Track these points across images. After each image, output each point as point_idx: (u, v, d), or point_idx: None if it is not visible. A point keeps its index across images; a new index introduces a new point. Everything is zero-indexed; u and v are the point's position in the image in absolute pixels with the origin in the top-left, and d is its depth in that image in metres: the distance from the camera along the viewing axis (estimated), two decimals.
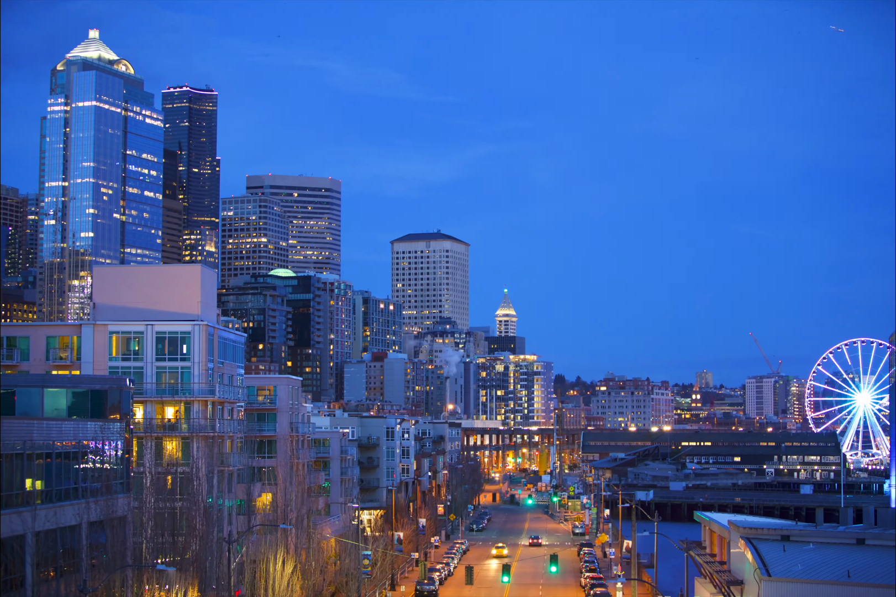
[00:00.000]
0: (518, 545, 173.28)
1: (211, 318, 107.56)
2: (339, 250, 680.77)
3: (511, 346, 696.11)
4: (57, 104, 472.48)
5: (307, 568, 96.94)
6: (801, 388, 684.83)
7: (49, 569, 64.02)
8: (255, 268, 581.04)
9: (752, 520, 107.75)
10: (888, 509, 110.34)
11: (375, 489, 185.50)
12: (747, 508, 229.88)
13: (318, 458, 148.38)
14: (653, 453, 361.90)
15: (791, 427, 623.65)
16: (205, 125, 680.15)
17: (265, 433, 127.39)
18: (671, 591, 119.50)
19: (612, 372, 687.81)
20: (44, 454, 64.93)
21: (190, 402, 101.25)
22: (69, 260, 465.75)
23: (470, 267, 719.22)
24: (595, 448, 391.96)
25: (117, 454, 73.91)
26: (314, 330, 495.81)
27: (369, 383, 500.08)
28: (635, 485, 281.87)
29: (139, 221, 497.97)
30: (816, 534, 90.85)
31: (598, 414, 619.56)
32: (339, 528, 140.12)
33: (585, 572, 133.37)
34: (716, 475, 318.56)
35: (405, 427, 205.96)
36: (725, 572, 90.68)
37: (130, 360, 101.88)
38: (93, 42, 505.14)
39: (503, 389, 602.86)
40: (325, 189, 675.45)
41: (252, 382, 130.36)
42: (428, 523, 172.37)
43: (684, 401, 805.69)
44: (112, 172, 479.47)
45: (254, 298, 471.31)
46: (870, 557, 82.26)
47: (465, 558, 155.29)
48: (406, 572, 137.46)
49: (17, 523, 60.37)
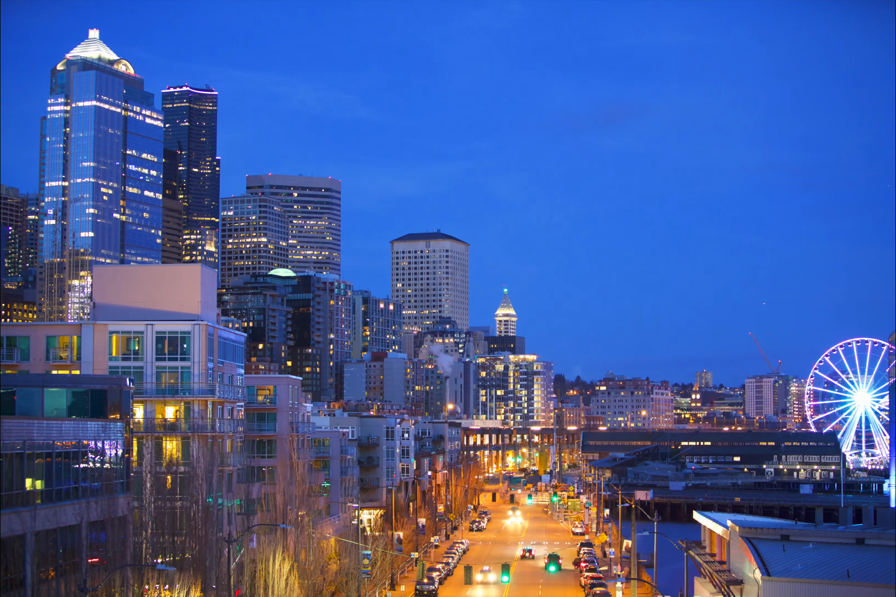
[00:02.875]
0: (517, 545, 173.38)
1: (211, 317, 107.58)
2: (339, 250, 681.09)
3: (511, 346, 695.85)
4: (57, 104, 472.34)
5: (307, 568, 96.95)
6: (800, 387, 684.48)
7: (49, 569, 64.01)
8: (255, 268, 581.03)
9: (751, 520, 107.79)
10: (888, 509, 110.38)
11: (375, 489, 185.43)
12: (747, 507, 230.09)
13: (318, 458, 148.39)
14: (653, 453, 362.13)
15: (791, 427, 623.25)
16: (205, 125, 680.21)
17: (265, 433, 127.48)
18: (671, 591, 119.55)
19: (611, 372, 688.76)
20: (44, 454, 64.88)
21: (190, 401, 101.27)
22: (69, 260, 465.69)
23: (470, 267, 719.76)
24: (595, 448, 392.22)
25: (117, 454, 73.89)
26: (314, 330, 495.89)
27: (369, 383, 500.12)
28: (635, 485, 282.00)
29: (139, 220, 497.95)
30: (816, 534, 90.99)
31: (598, 414, 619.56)
32: (339, 527, 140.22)
33: (585, 571, 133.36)
34: (715, 475, 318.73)
35: (405, 427, 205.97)
36: (725, 572, 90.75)
37: (130, 359, 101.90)
38: (93, 42, 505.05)
39: (503, 388, 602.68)
40: (325, 189, 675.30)
41: (252, 381, 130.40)
42: (428, 522, 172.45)
43: (684, 401, 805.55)
44: (112, 171, 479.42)
45: (254, 297, 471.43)
46: (869, 556, 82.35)
47: (465, 557, 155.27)
48: (406, 571, 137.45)
49: (17, 522, 60.34)
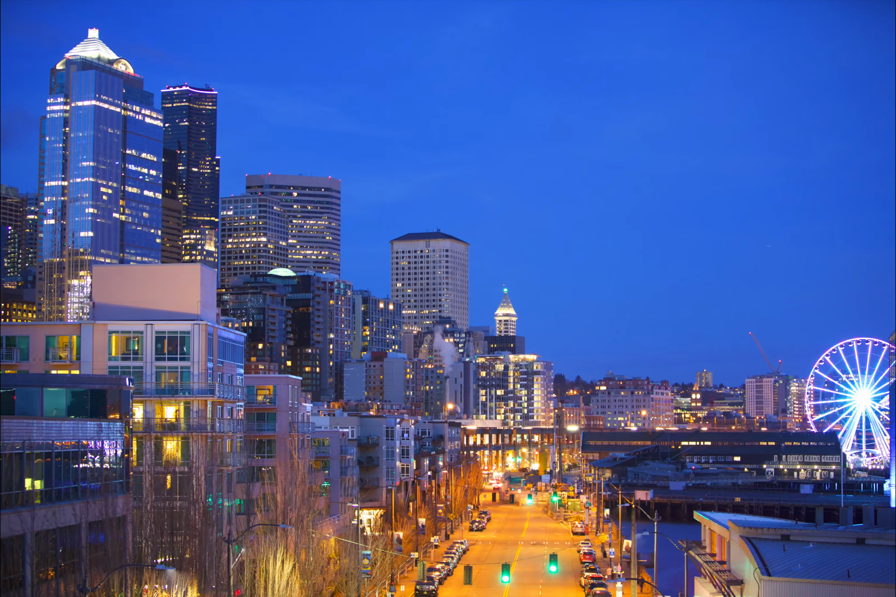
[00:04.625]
0: (517, 544, 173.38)
1: (211, 317, 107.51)
2: (339, 250, 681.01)
3: (511, 345, 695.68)
4: (57, 104, 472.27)
5: (307, 568, 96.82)
6: (800, 387, 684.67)
7: (48, 569, 63.94)
8: (254, 267, 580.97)
9: (751, 520, 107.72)
10: (888, 509, 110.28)
11: (375, 489, 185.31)
12: (747, 507, 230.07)
13: (318, 457, 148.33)
14: (653, 453, 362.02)
15: (791, 427, 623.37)
16: (204, 125, 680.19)
17: (265, 433, 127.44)
18: (671, 590, 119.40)
19: (611, 371, 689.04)
20: (43, 454, 64.83)
21: (189, 401, 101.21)
22: (69, 260, 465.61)
23: (470, 267, 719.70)
24: (595, 448, 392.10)
25: (117, 454, 73.82)
26: (314, 330, 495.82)
27: (369, 383, 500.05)
28: (635, 485, 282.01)
29: (139, 220, 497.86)
30: (816, 534, 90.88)
31: (598, 414, 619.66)
32: (339, 527, 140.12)
33: (585, 571, 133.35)
34: (716, 475, 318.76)
35: (405, 427, 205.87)
36: (725, 572, 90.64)
37: (130, 359, 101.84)
38: (92, 41, 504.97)
39: (503, 388, 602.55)
40: (325, 189, 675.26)
41: (252, 381, 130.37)
42: (428, 522, 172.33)
43: (684, 400, 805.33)
44: (112, 171, 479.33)
45: (253, 297, 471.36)
46: (870, 556, 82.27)
47: (465, 557, 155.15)
48: (406, 571, 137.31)
49: (16, 522, 60.27)
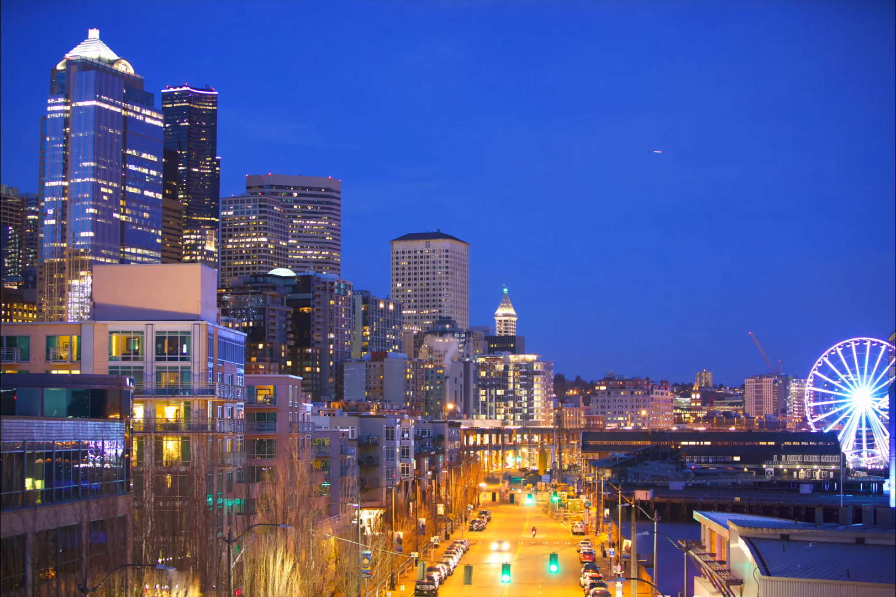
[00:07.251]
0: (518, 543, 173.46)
1: (211, 317, 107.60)
2: (339, 250, 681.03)
3: (511, 345, 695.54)
4: (57, 104, 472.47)
5: (307, 568, 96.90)
6: (800, 387, 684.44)
7: (49, 569, 64.00)
8: (254, 267, 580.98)
9: (751, 519, 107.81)
10: (887, 509, 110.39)
11: (375, 489, 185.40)
12: (747, 507, 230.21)
13: (318, 457, 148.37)
14: (652, 453, 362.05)
15: (791, 427, 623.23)
16: (204, 125, 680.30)
17: (265, 433, 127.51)
18: (671, 590, 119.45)
19: (611, 372, 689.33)
20: (44, 454, 64.85)
21: (190, 401, 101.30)
22: (69, 260, 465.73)
23: (470, 267, 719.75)
24: (595, 448, 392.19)
25: (117, 454, 73.86)
26: (314, 330, 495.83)
27: (369, 383, 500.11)
28: (635, 484, 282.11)
29: (139, 220, 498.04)
30: (816, 533, 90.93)
31: (598, 414, 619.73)
32: (339, 527, 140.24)
33: (585, 571, 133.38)
34: (715, 475, 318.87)
35: (405, 426, 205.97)
36: (725, 572, 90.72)
37: (130, 359, 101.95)
38: (93, 42, 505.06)
39: (503, 388, 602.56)
40: (325, 189, 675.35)
41: (252, 381, 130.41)
42: (428, 522, 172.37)
43: (684, 400, 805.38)
44: (112, 171, 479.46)
45: (253, 297, 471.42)
46: (869, 556, 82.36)
47: (465, 557, 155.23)
48: (406, 571, 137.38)
49: (17, 522, 60.31)
